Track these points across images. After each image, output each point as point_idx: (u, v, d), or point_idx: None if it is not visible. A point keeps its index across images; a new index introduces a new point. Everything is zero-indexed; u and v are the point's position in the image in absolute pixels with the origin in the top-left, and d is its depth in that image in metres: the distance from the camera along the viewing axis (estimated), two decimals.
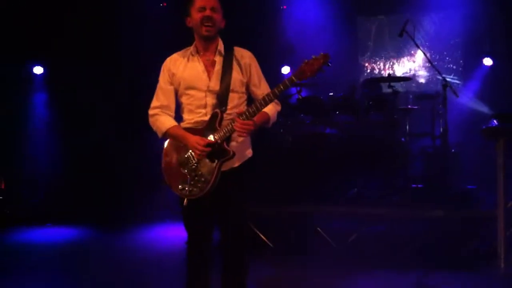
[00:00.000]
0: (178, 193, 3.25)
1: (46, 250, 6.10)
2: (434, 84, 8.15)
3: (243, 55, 3.36)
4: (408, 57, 8.60)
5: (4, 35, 7.68)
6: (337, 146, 6.51)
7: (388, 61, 8.71)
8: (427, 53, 7.08)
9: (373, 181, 6.40)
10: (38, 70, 8.42)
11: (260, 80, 3.38)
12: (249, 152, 3.38)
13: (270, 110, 3.28)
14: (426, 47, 8.04)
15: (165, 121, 3.32)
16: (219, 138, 3.16)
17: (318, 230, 5.53)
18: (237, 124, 3.08)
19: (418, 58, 8.53)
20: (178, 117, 3.40)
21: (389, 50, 8.66)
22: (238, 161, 3.27)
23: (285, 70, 8.45)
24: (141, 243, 6.34)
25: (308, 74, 3.04)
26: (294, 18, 8.25)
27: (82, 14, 7.88)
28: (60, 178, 8.11)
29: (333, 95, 6.86)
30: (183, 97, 3.33)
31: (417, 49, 7.77)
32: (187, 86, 3.29)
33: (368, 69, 8.82)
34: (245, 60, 3.34)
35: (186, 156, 3.22)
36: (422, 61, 8.51)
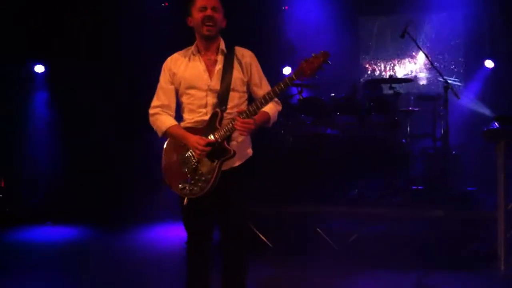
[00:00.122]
0: (178, 193, 3.24)
1: (46, 250, 6.10)
2: (436, 86, 8.14)
3: (244, 54, 3.36)
4: (410, 58, 8.59)
5: (5, 33, 7.67)
6: (338, 147, 6.50)
7: (390, 62, 8.70)
8: (428, 55, 7.06)
9: (374, 182, 6.40)
10: (39, 68, 8.41)
11: (261, 79, 3.38)
12: (250, 152, 3.37)
13: (270, 109, 3.28)
14: (427, 48, 8.03)
15: (165, 121, 3.32)
16: (220, 137, 3.15)
17: (318, 230, 5.52)
18: (238, 123, 3.08)
19: (419, 59, 8.52)
20: (178, 117, 3.39)
21: (390, 51, 8.64)
22: (239, 161, 3.27)
23: (287, 71, 8.44)
24: (141, 243, 6.34)
25: (308, 73, 3.04)
26: (296, 18, 8.25)
27: (83, 13, 7.87)
28: (60, 177, 8.10)
29: (334, 96, 6.85)
30: (184, 97, 3.33)
31: (418, 50, 7.78)
32: (188, 86, 3.29)
33: (369, 70, 8.81)
34: (246, 59, 3.34)
35: (186, 155, 3.22)
36: (423, 62, 8.50)
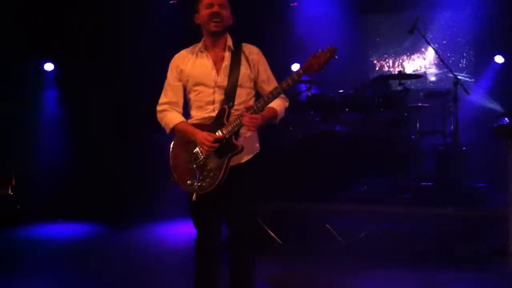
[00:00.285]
0: (187, 189, 3.24)
1: (57, 246, 6.13)
2: (446, 82, 8.09)
3: (251, 51, 3.36)
4: (419, 54, 8.54)
5: (14, 31, 7.70)
6: (347, 144, 6.48)
7: (399, 59, 8.66)
8: (438, 50, 7.02)
9: (383, 179, 6.36)
10: (48, 67, 8.45)
11: (268, 76, 3.38)
12: (257, 148, 3.37)
13: (278, 105, 3.27)
14: (436, 44, 7.98)
15: (173, 117, 3.33)
16: (227, 133, 3.15)
17: (327, 227, 5.51)
18: (246, 118, 3.08)
19: (429, 55, 8.46)
20: (186, 114, 3.40)
21: (399, 47, 8.60)
22: (246, 156, 3.26)
23: (295, 67, 8.43)
24: (151, 239, 6.36)
25: (316, 67, 3.04)
26: (304, 15, 8.22)
27: (90, 12, 7.89)
28: (70, 174, 8.14)
29: (343, 92, 6.83)
30: (191, 93, 3.33)
31: (427, 47, 7.74)
32: (195, 82, 3.30)
33: (377, 66, 8.77)
34: (253, 56, 3.34)
35: (194, 151, 3.22)
36: (433, 58, 8.45)
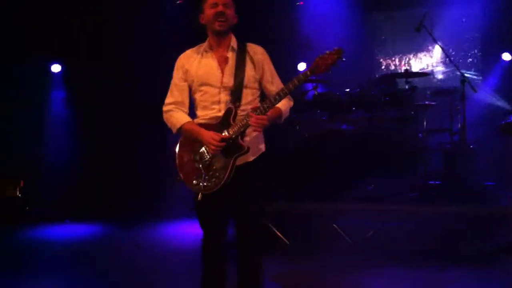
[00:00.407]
0: (193, 189, 3.25)
1: (65, 247, 6.16)
2: (453, 80, 8.04)
3: (255, 51, 3.37)
4: (425, 52, 8.50)
5: (21, 32, 7.74)
6: (354, 142, 6.47)
7: (405, 57, 8.63)
8: (445, 48, 6.98)
9: (390, 178, 6.34)
10: (56, 68, 8.48)
11: (273, 76, 3.39)
12: (262, 147, 3.38)
13: (283, 105, 3.28)
14: (443, 42, 7.93)
15: (180, 117, 3.34)
16: (234, 133, 3.16)
17: (334, 226, 5.50)
18: (252, 119, 3.09)
19: (436, 53, 8.42)
20: (191, 114, 3.41)
21: (405, 45, 8.56)
22: (252, 156, 3.27)
23: (302, 67, 8.42)
24: (158, 239, 6.38)
25: (323, 69, 3.06)
26: (310, 14, 8.21)
27: (91, 12, 7.91)
28: (78, 175, 8.17)
29: (349, 91, 6.82)
30: (197, 94, 3.34)
31: (434, 44, 7.70)
32: (201, 83, 3.31)
33: (384, 65, 8.75)
34: (258, 56, 3.35)
35: (200, 151, 3.23)
36: (440, 56, 8.41)
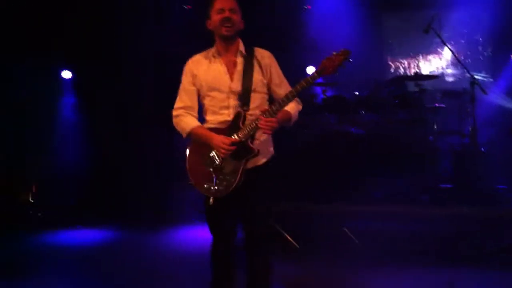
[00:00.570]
0: (204, 192, 3.28)
1: (75, 252, 6.16)
2: (463, 82, 7.99)
3: (263, 55, 3.40)
4: (435, 54, 8.47)
5: (31, 38, 7.79)
6: (363, 145, 6.46)
7: (414, 59, 8.60)
8: (454, 50, 6.95)
9: (400, 180, 6.32)
10: (66, 74, 8.53)
11: (281, 79, 3.42)
12: (271, 151, 3.41)
13: (292, 108, 3.31)
14: (453, 44, 7.90)
15: (189, 122, 3.36)
16: (243, 136, 3.18)
17: (344, 229, 5.49)
18: (262, 122, 3.12)
19: (445, 55, 8.39)
20: (200, 119, 3.43)
21: (415, 48, 8.53)
22: (262, 159, 3.30)
23: (310, 70, 8.42)
24: (167, 244, 6.37)
25: (330, 70, 3.09)
26: (318, 17, 8.21)
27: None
28: (90, 181, 8.19)
29: (358, 93, 6.81)
30: (206, 99, 3.37)
31: (444, 47, 7.66)
32: (209, 88, 3.33)
33: (393, 67, 8.73)
34: (265, 60, 3.38)
35: (210, 155, 3.25)
36: (450, 58, 8.37)
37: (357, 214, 5.67)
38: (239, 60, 3.35)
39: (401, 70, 8.67)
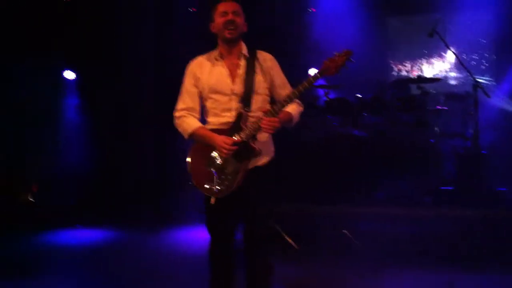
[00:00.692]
0: (205, 192, 3.27)
1: (74, 252, 6.16)
2: (466, 85, 7.95)
3: (265, 58, 3.41)
4: (438, 57, 8.45)
5: (34, 38, 7.78)
6: (366, 148, 6.46)
7: (418, 62, 8.58)
8: (457, 53, 6.93)
9: (403, 183, 6.31)
10: (69, 75, 8.51)
11: (283, 81, 3.44)
12: (272, 151, 3.41)
13: (293, 109, 3.33)
14: (457, 47, 7.87)
15: (191, 123, 3.36)
16: (245, 136, 3.18)
17: (345, 232, 5.47)
18: (264, 121, 3.12)
19: (449, 58, 8.36)
20: (202, 121, 3.43)
21: (418, 50, 8.51)
22: (263, 160, 3.30)
23: (312, 72, 8.38)
24: (167, 244, 6.36)
25: (333, 71, 3.11)
26: (322, 19, 8.19)
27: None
28: (90, 181, 8.18)
29: (361, 96, 6.80)
30: (208, 101, 3.37)
31: (447, 50, 7.63)
32: (212, 91, 3.33)
33: (396, 70, 8.70)
34: (267, 63, 3.39)
35: (212, 155, 3.25)
36: (453, 61, 8.35)
37: (360, 216, 5.65)
38: (242, 63, 3.35)
39: (404, 72, 8.64)
